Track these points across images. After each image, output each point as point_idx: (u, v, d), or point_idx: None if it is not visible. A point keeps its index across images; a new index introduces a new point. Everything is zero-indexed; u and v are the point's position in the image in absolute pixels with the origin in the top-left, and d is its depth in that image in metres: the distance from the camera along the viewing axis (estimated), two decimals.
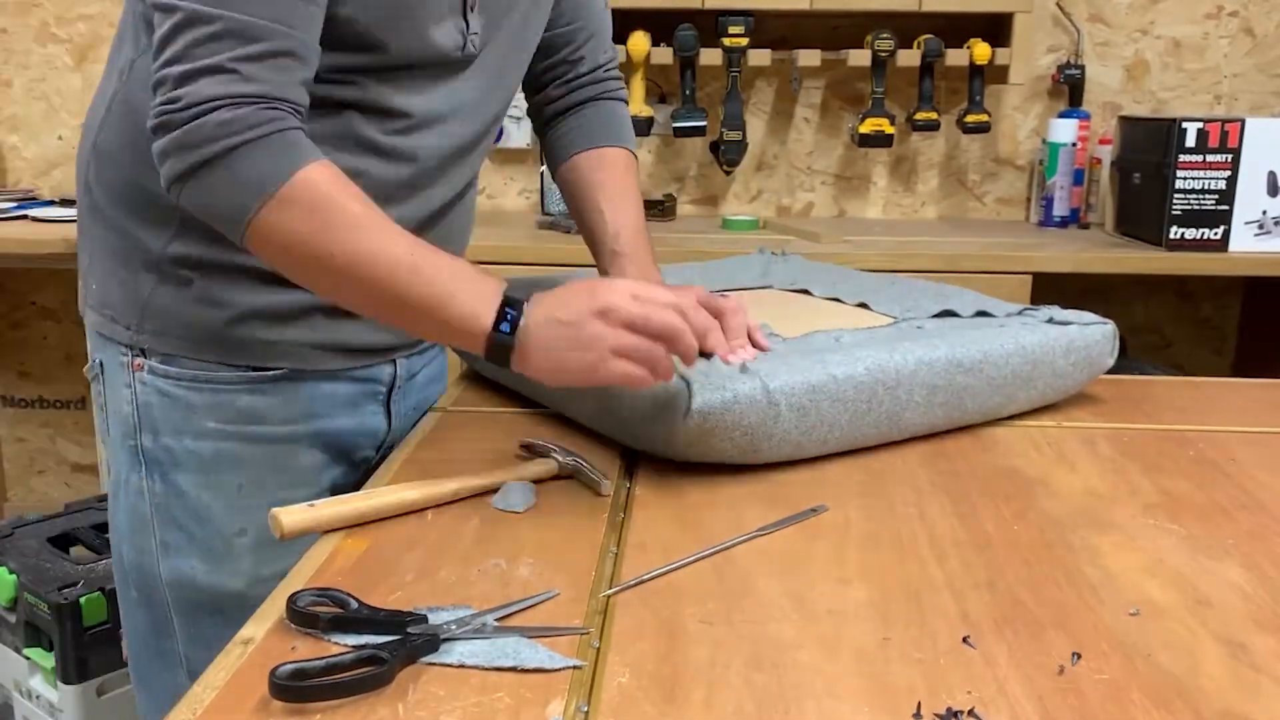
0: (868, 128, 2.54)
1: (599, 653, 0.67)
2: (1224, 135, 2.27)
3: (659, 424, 0.94)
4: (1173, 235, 2.31)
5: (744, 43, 2.48)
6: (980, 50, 2.48)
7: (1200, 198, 2.30)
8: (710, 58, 2.50)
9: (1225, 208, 2.30)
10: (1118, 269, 2.34)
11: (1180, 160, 2.28)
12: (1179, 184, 2.29)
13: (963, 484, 0.96)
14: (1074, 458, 1.02)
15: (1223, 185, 2.29)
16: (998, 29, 2.53)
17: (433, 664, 0.65)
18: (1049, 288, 2.15)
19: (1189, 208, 2.30)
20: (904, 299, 1.23)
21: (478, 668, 0.64)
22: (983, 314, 1.17)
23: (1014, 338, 1.09)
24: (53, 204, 2.60)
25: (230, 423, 1.00)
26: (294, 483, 1.03)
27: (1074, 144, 2.54)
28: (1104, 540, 0.84)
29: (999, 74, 2.54)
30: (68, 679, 1.85)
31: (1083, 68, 2.62)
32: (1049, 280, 2.23)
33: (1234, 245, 2.31)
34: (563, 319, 0.84)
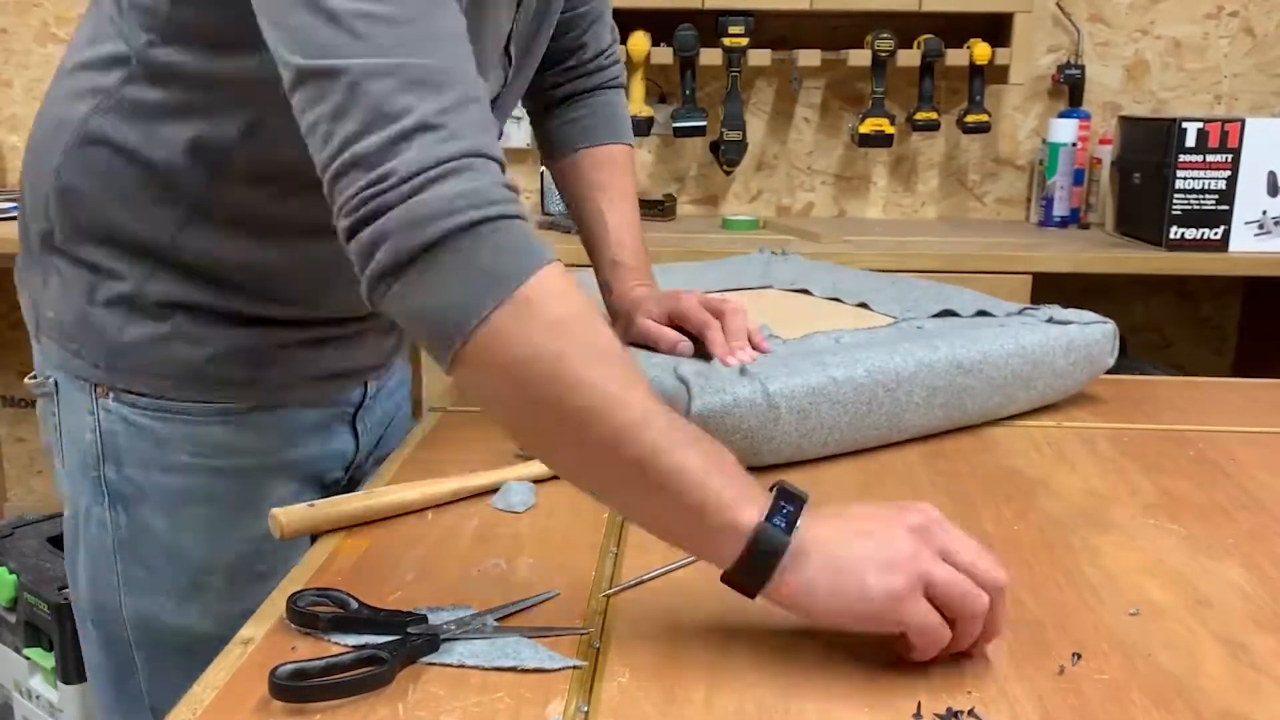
0: (868, 128, 2.54)
1: (599, 653, 0.67)
2: (1224, 135, 2.27)
3: None
4: (1173, 235, 2.31)
5: (744, 43, 2.48)
6: (980, 50, 2.48)
7: (1200, 198, 2.30)
8: (710, 58, 2.50)
9: (1225, 208, 2.30)
10: (1118, 269, 2.34)
11: (1180, 160, 2.28)
12: (1179, 184, 2.29)
13: (963, 484, 0.96)
14: (1074, 458, 1.02)
15: (1223, 185, 2.29)
16: (998, 29, 2.53)
17: (433, 664, 0.65)
18: (1049, 288, 2.15)
19: (1189, 208, 2.30)
20: (904, 299, 1.23)
21: (478, 668, 0.64)
22: (983, 313, 1.17)
23: (1014, 338, 1.09)
24: None
25: (201, 456, 0.94)
26: (267, 514, 0.98)
27: (1074, 144, 2.54)
28: (1104, 540, 0.84)
29: (999, 74, 2.54)
30: (68, 679, 1.84)
31: (1083, 68, 2.62)
32: (1049, 280, 2.22)
33: (1234, 245, 2.32)
34: (858, 527, 0.66)
